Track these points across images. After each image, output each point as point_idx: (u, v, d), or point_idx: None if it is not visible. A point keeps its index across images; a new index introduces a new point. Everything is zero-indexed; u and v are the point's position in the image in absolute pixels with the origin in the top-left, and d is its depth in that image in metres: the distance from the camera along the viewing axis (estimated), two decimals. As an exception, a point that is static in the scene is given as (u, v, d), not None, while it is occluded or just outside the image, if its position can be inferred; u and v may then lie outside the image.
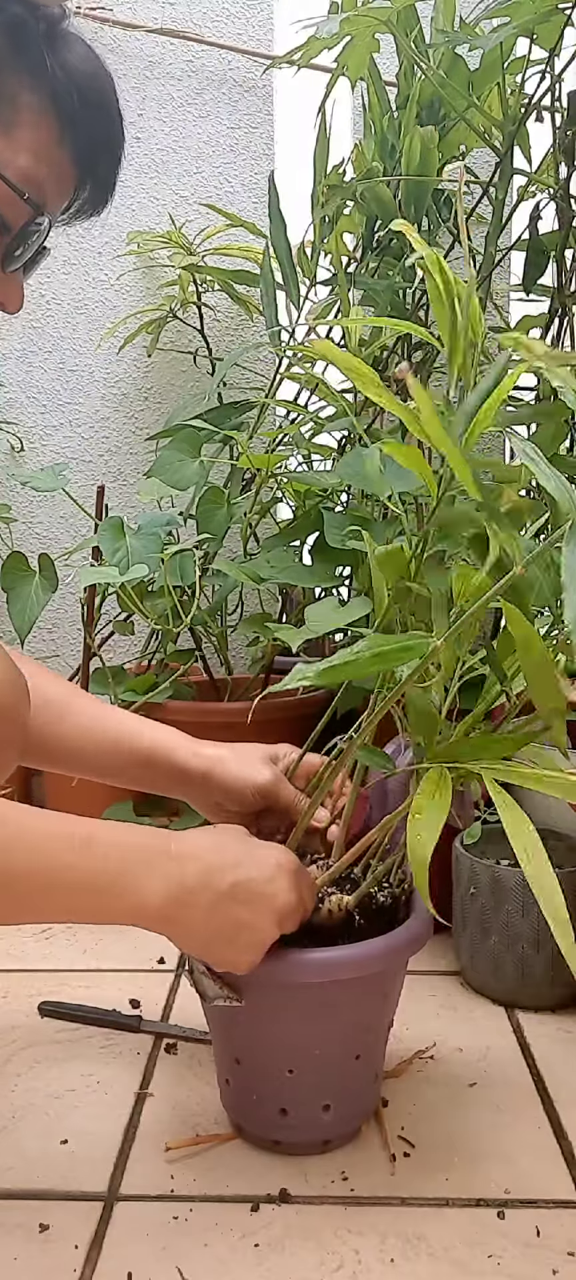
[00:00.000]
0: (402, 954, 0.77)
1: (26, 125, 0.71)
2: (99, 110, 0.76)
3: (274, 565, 1.18)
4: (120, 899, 0.67)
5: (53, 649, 1.78)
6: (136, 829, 0.70)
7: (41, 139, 0.73)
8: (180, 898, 0.67)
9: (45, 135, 0.73)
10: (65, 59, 0.73)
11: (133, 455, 1.76)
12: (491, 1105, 0.83)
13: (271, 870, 0.71)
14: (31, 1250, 0.67)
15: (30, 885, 0.64)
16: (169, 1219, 0.70)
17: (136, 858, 0.67)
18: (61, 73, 0.72)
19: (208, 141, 1.71)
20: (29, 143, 0.72)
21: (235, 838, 0.73)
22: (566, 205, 1.20)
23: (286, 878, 0.71)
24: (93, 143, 0.76)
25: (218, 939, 0.69)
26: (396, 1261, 0.66)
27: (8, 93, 0.71)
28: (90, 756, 0.88)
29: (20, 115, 0.71)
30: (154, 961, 1.09)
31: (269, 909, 0.70)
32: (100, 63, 0.76)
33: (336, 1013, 0.74)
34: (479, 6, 1.17)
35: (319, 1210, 0.71)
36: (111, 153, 0.79)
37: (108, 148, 0.78)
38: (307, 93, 1.42)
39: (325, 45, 1.13)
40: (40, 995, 1.01)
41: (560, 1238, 0.68)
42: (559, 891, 0.59)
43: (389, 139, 1.30)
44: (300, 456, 1.38)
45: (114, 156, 0.79)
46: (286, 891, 0.70)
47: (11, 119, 0.71)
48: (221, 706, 1.35)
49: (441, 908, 0.96)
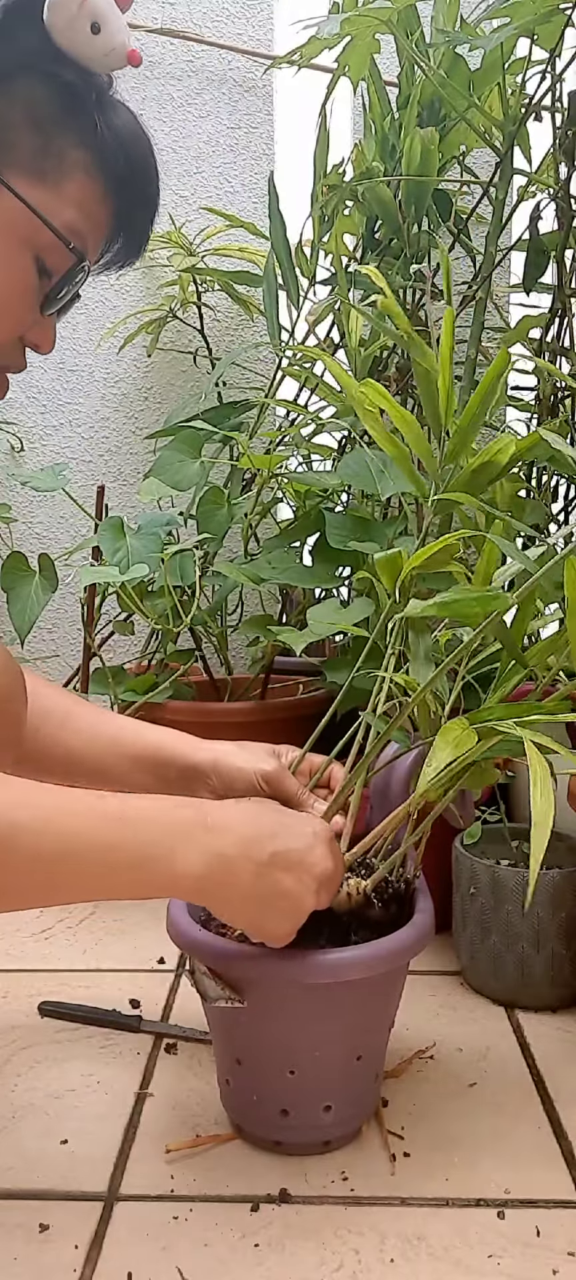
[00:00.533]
0: (405, 955, 0.76)
1: (74, 181, 0.77)
2: (141, 171, 0.81)
3: (274, 566, 1.18)
4: (156, 874, 0.66)
5: (53, 649, 1.78)
6: (169, 801, 0.69)
7: (86, 195, 0.77)
8: (219, 870, 0.67)
9: (90, 192, 0.78)
10: (112, 121, 0.78)
11: (133, 455, 1.76)
12: (491, 1105, 0.83)
13: (309, 838, 0.71)
14: (31, 1250, 0.67)
15: (64, 867, 0.63)
16: (169, 1219, 0.70)
17: (173, 831, 0.67)
18: (109, 134, 0.77)
19: (208, 141, 1.71)
20: (75, 198, 0.77)
21: (270, 808, 0.74)
22: (566, 205, 1.20)
23: (323, 845, 0.72)
24: (132, 201, 0.81)
25: (257, 909, 0.69)
26: (396, 1261, 0.66)
27: (57, 150, 0.76)
28: (91, 762, 0.88)
29: (68, 172, 0.76)
30: (154, 961, 1.09)
31: (309, 876, 0.70)
32: (141, 126, 0.82)
33: (338, 1014, 0.74)
34: (479, 7, 1.17)
35: (319, 1210, 0.71)
36: (148, 211, 0.84)
37: (145, 206, 0.83)
38: (307, 93, 1.42)
39: (325, 45, 1.13)
40: (40, 995, 1.01)
41: (560, 1238, 0.68)
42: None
43: (389, 139, 1.30)
44: (300, 456, 1.38)
45: (150, 214, 0.84)
46: (325, 859, 0.71)
47: (60, 175, 0.76)
48: (221, 706, 1.35)
49: (441, 908, 0.97)
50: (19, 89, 0.74)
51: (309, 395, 1.42)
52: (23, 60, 0.74)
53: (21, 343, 0.82)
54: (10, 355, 0.82)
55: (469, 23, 1.17)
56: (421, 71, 1.18)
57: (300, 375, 1.39)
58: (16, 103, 0.74)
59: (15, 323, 0.79)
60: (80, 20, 0.73)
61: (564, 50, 1.14)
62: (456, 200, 1.38)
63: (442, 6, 1.25)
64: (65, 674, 1.66)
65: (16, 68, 0.74)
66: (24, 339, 0.82)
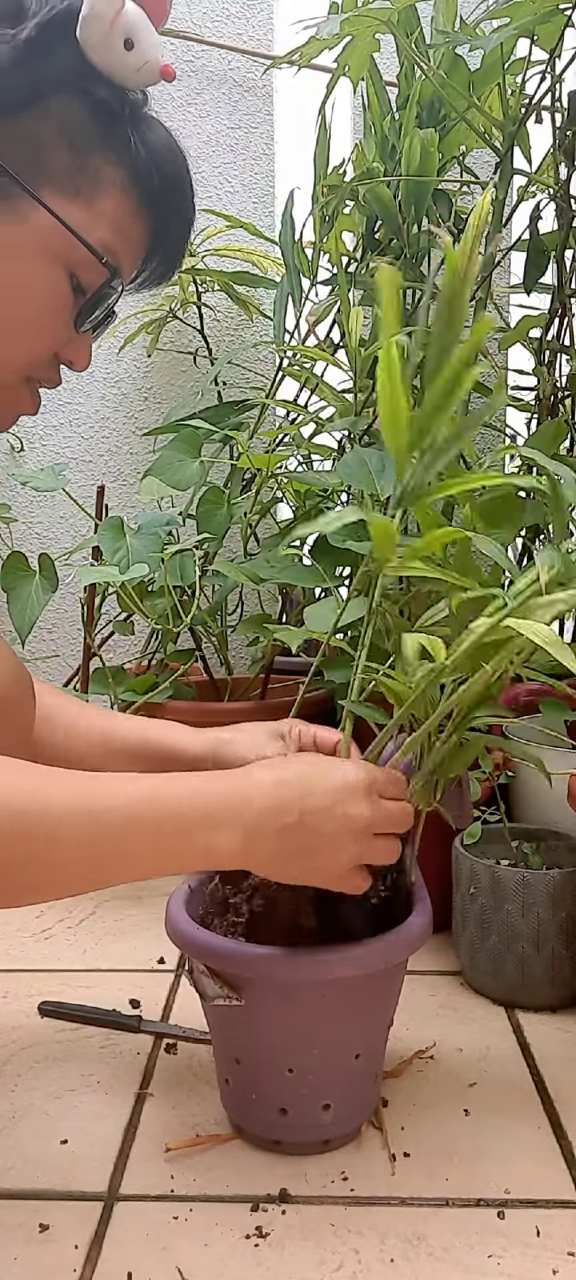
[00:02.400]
0: (403, 953, 0.76)
1: (108, 198, 0.77)
2: (175, 188, 0.81)
3: (274, 565, 1.18)
4: (186, 856, 0.67)
5: (53, 649, 1.78)
6: (195, 778, 0.69)
7: (120, 211, 0.78)
8: (251, 842, 0.67)
9: (124, 208, 0.78)
10: (146, 137, 0.78)
11: (133, 455, 1.76)
12: (491, 1105, 0.83)
13: (341, 791, 0.69)
14: (31, 1250, 0.67)
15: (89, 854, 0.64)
16: (169, 1219, 0.70)
17: (200, 809, 0.67)
18: (143, 151, 0.78)
19: (208, 141, 1.71)
20: (110, 215, 0.77)
21: (305, 763, 0.72)
22: (566, 205, 1.20)
23: (361, 797, 0.70)
24: (167, 217, 0.82)
25: (296, 868, 0.70)
26: (396, 1261, 0.66)
27: (92, 167, 0.76)
28: (93, 762, 0.88)
29: (103, 189, 0.77)
30: (154, 961, 1.09)
31: (346, 832, 0.69)
32: (175, 142, 0.81)
33: (336, 1012, 0.74)
34: (479, 7, 1.17)
35: (319, 1210, 0.71)
36: (183, 226, 0.84)
37: (180, 221, 0.84)
38: (308, 93, 1.42)
39: (325, 45, 1.13)
40: (40, 995, 1.01)
41: (560, 1238, 0.68)
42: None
43: (389, 139, 1.30)
44: (300, 456, 1.38)
45: (185, 230, 0.85)
46: (360, 809, 0.69)
47: (94, 191, 0.76)
48: (221, 706, 1.35)
49: (441, 908, 0.97)
50: (53, 107, 0.74)
51: (309, 395, 1.42)
52: (57, 78, 0.74)
53: (56, 359, 0.82)
54: (45, 371, 0.82)
55: (468, 23, 1.17)
56: (421, 72, 1.18)
57: (300, 375, 1.39)
58: (51, 120, 0.74)
59: (50, 340, 0.80)
60: (113, 37, 0.73)
61: (564, 50, 1.14)
62: (456, 200, 1.38)
63: (442, 7, 1.25)
64: (65, 674, 1.66)
65: (51, 86, 0.74)
66: (59, 355, 0.82)
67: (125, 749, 0.89)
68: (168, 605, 1.24)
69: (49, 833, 0.62)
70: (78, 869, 0.64)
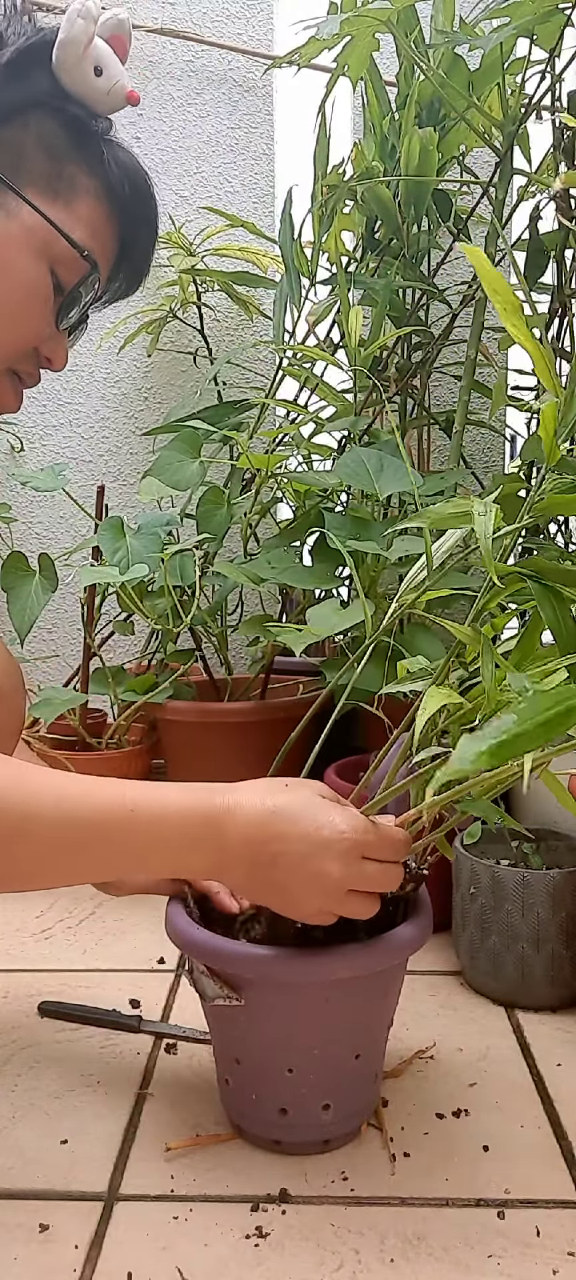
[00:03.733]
0: (402, 954, 0.76)
1: (84, 203, 0.83)
2: (143, 200, 0.88)
3: (274, 566, 1.18)
4: (166, 869, 0.74)
5: (53, 649, 1.78)
6: (184, 796, 0.70)
7: (95, 216, 0.84)
8: (220, 861, 0.69)
9: (98, 214, 0.84)
10: (116, 154, 0.85)
11: (133, 455, 1.76)
12: (491, 1105, 0.83)
13: (319, 843, 0.68)
14: (31, 1250, 0.67)
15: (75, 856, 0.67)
16: (169, 1219, 0.70)
17: (181, 832, 0.69)
18: (114, 163, 0.85)
19: (208, 141, 1.71)
20: (85, 217, 0.83)
21: (294, 805, 0.70)
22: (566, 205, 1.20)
23: (337, 857, 0.68)
24: (136, 225, 0.88)
25: (264, 897, 0.72)
26: (396, 1261, 0.66)
27: (69, 174, 0.83)
28: None
29: (79, 195, 0.83)
30: (154, 961, 1.09)
31: (313, 886, 0.68)
32: (140, 164, 0.88)
33: (336, 1012, 0.74)
34: (479, 6, 1.17)
35: (319, 1210, 0.71)
36: (150, 237, 0.90)
37: (148, 231, 0.89)
38: (308, 93, 1.42)
39: (325, 45, 1.13)
40: (40, 995, 1.01)
41: (560, 1238, 0.68)
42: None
43: (389, 139, 1.30)
44: (300, 456, 1.38)
45: (152, 240, 0.90)
46: (333, 869, 0.68)
47: (71, 196, 0.83)
48: (221, 706, 1.35)
49: (441, 908, 0.97)
50: (32, 121, 0.82)
51: (309, 395, 1.42)
52: (35, 97, 0.82)
53: (37, 355, 0.87)
54: (26, 365, 0.87)
55: (468, 23, 1.17)
56: (421, 71, 1.18)
57: (300, 375, 1.39)
58: (30, 132, 0.82)
59: (32, 332, 0.85)
60: (85, 63, 0.81)
61: (563, 50, 1.14)
62: (456, 200, 1.38)
63: (442, 7, 1.25)
64: (65, 674, 1.66)
65: (30, 103, 0.81)
66: (39, 352, 0.87)
67: None
68: (168, 605, 1.24)
69: (19, 827, 0.65)
70: (48, 865, 0.67)
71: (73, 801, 0.67)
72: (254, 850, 0.69)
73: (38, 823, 0.65)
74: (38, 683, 1.56)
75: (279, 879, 0.69)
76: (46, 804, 0.66)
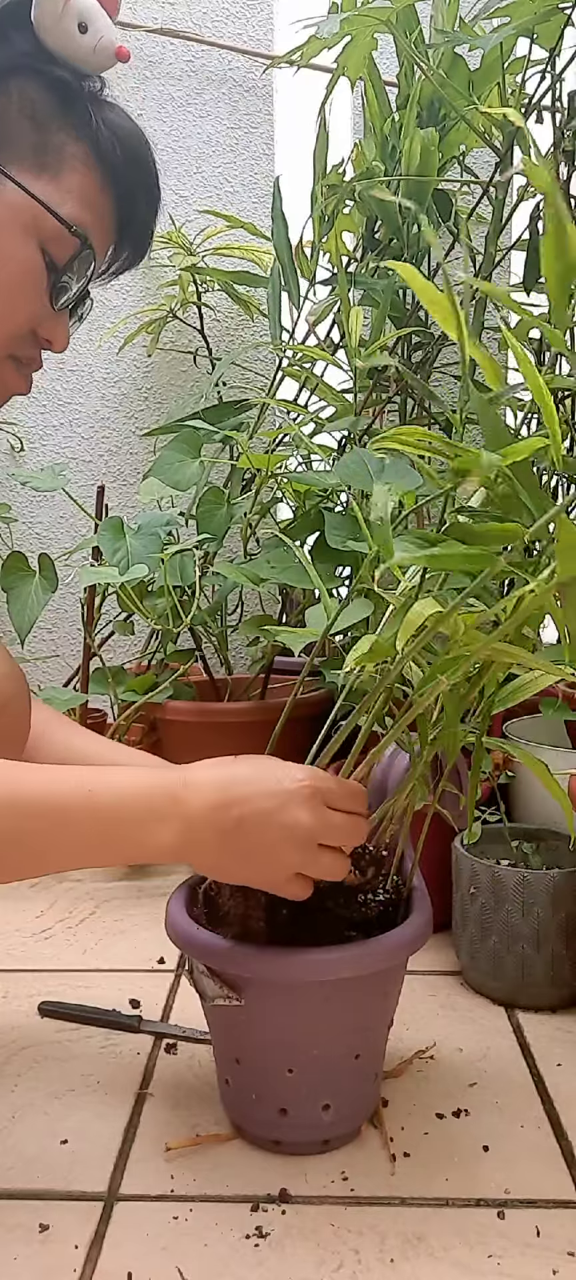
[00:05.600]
0: (402, 953, 0.77)
1: (73, 173, 0.78)
2: (138, 164, 0.82)
3: (274, 566, 1.18)
4: (131, 848, 0.70)
5: (53, 649, 1.78)
6: (142, 774, 0.71)
7: (87, 185, 0.79)
8: (188, 841, 0.68)
9: (90, 182, 0.79)
10: (107, 117, 0.80)
11: (133, 455, 1.76)
12: (491, 1105, 0.83)
13: (281, 796, 0.69)
14: (31, 1250, 0.67)
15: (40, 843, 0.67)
16: (169, 1219, 0.70)
17: (144, 806, 0.68)
18: (105, 127, 0.79)
19: (208, 141, 1.71)
20: (76, 189, 0.78)
21: (250, 766, 0.71)
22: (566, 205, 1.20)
23: (301, 804, 0.69)
24: (132, 193, 0.83)
25: (236, 870, 0.71)
26: (396, 1261, 0.66)
27: (56, 143, 0.77)
28: None
29: (67, 164, 0.78)
30: (154, 961, 1.09)
31: (284, 840, 0.68)
32: (136, 125, 0.83)
33: (336, 1012, 0.74)
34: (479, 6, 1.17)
35: (319, 1210, 0.71)
36: (150, 205, 0.85)
37: (146, 198, 0.84)
38: (308, 93, 1.42)
39: (325, 45, 1.13)
40: (40, 995, 1.01)
41: (560, 1238, 0.68)
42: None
43: (389, 139, 1.30)
44: (300, 456, 1.38)
45: (152, 208, 0.85)
46: (300, 816, 0.68)
47: (59, 167, 0.78)
48: (221, 706, 1.35)
49: (441, 908, 0.97)
50: (14, 87, 0.77)
51: (309, 395, 1.42)
52: (15, 61, 0.77)
53: (36, 338, 0.83)
54: (25, 349, 0.83)
55: (468, 22, 1.17)
56: (421, 71, 1.18)
57: (300, 375, 1.39)
58: (12, 100, 0.77)
59: (27, 314, 0.81)
60: (66, 20, 0.76)
61: (563, 50, 1.14)
62: (456, 200, 1.38)
63: (442, 6, 1.25)
64: (65, 674, 1.66)
65: (10, 68, 0.77)
66: (37, 334, 0.83)
67: None
68: (168, 605, 1.24)
69: None
70: (14, 858, 0.67)
71: (28, 791, 0.66)
72: (219, 816, 0.68)
73: None
74: (38, 683, 1.56)
75: (248, 844, 0.68)
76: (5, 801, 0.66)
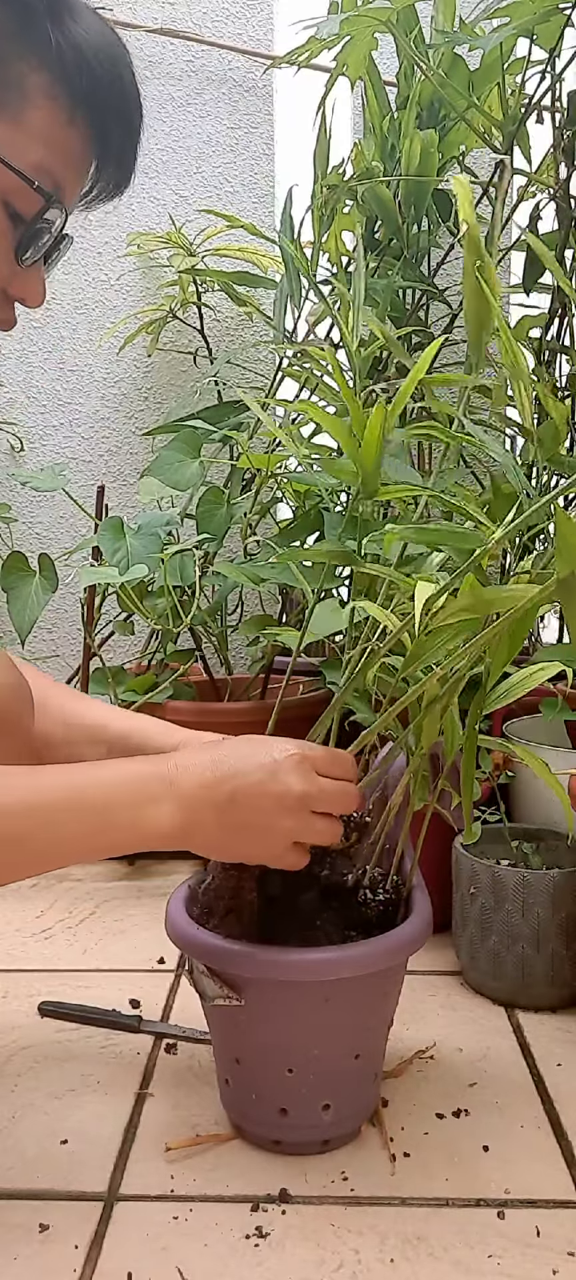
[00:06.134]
0: (402, 953, 0.77)
1: (36, 110, 0.70)
2: (111, 83, 0.73)
3: (274, 566, 1.18)
4: (130, 833, 0.69)
5: (53, 649, 1.78)
6: (133, 762, 0.72)
7: (52, 123, 0.71)
8: (184, 821, 0.69)
9: (55, 119, 0.71)
10: (72, 31, 0.70)
11: (133, 455, 1.76)
12: (491, 1105, 0.83)
13: (271, 767, 0.69)
14: (31, 1250, 0.67)
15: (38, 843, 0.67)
16: (169, 1219, 0.70)
17: (137, 789, 0.69)
18: (69, 49, 0.70)
19: (208, 141, 1.71)
20: (41, 129, 0.70)
21: (238, 744, 0.72)
22: (566, 205, 1.20)
23: (291, 771, 0.69)
24: (106, 118, 0.73)
25: (234, 844, 0.71)
26: (396, 1261, 0.66)
27: (14, 77, 0.69)
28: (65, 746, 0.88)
29: (29, 100, 0.69)
30: (154, 961, 1.09)
31: (277, 807, 0.69)
32: (110, 31, 0.73)
33: (336, 1012, 0.74)
34: (479, 7, 1.17)
35: (319, 1210, 0.71)
36: (126, 129, 0.76)
37: (122, 121, 0.75)
38: (308, 93, 1.42)
39: (325, 45, 1.13)
40: (40, 995, 1.01)
41: (560, 1238, 0.68)
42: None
43: (389, 139, 1.30)
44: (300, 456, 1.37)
45: (130, 128, 0.76)
46: (291, 782, 0.69)
47: (20, 105, 0.69)
48: (221, 706, 1.35)
49: (441, 908, 0.97)
50: None
51: (309, 395, 1.42)
52: None
53: (6, 297, 0.76)
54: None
55: (468, 23, 1.17)
56: (421, 72, 1.18)
57: (300, 376, 1.39)
58: None
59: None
60: None
61: (563, 50, 1.14)
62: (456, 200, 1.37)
63: (442, 7, 1.25)
64: (65, 674, 1.66)
65: None
66: (8, 293, 0.76)
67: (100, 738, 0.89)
68: (168, 605, 1.24)
69: None
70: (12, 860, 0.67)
71: (20, 792, 0.66)
72: (212, 794, 0.69)
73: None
74: (38, 683, 1.56)
75: (243, 817, 0.69)
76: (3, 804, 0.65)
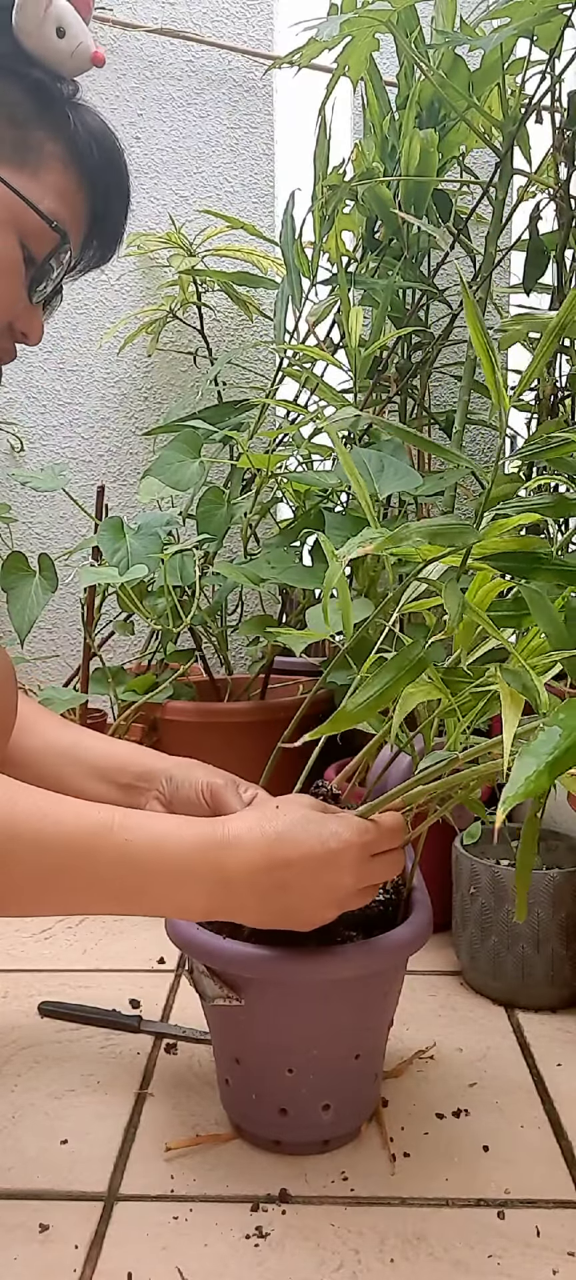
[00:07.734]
0: (402, 953, 0.77)
1: (51, 171, 0.81)
2: (113, 166, 0.85)
3: (274, 566, 1.18)
4: (162, 905, 0.69)
5: (53, 649, 1.78)
6: (176, 822, 0.70)
7: (64, 183, 0.82)
8: (223, 900, 0.68)
9: (66, 181, 0.82)
10: (84, 119, 0.83)
11: (133, 455, 1.76)
12: (491, 1105, 0.83)
13: (326, 858, 0.68)
14: (31, 1250, 0.67)
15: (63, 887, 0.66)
16: (169, 1219, 0.70)
17: (182, 863, 0.67)
18: (82, 129, 0.82)
19: (208, 141, 1.71)
20: (54, 186, 0.81)
21: (294, 824, 0.69)
22: (566, 205, 1.20)
23: (346, 868, 0.68)
24: (107, 193, 0.85)
25: (271, 922, 0.70)
26: (396, 1261, 0.66)
27: (34, 143, 0.80)
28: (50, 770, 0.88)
29: (46, 162, 0.80)
30: (154, 961, 1.09)
31: (327, 901, 0.69)
32: (109, 128, 0.85)
33: (336, 1012, 0.74)
34: (479, 7, 1.17)
35: (319, 1210, 0.71)
36: (122, 204, 0.88)
37: (119, 199, 0.87)
38: (308, 93, 1.42)
39: (325, 46, 1.13)
40: (40, 995, 1.01)
41: (560, 1238, 0.68)
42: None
43: (389, 139, 1.30)
44: (300, 456, 1.38)
45: (123, 208, 0.88)
46: (345, 880, 0.68)
47: (38, 165, 0.80)
48: (221, 707, 1.35)
49: (441, 908, 0.97)
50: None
51: (309, 395, 1.42)
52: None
53: (11, 331, 0.84)
54: (0, 340, 0.84)
55: (468, 23, 1.17)
56: (421, 72, 1.18)
57: (300, 376, 1.39)
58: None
59: (4, 306, 0.82)
60: (46, 25, 0.79)
61: (563, 50, 1.14)
62: (456, 200, 1.38)
63: (442, 7, 1.24)
64: (65, 674, 1.66)
65: None
66: (14, 327, 0.84)
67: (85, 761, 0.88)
68: (168, 605, 1.24)
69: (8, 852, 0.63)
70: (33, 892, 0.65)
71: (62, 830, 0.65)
72: (260, 880, 0.67)
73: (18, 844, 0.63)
74: (38, 683, 1.56)
75: (291, 903, 0.68)
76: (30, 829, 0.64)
